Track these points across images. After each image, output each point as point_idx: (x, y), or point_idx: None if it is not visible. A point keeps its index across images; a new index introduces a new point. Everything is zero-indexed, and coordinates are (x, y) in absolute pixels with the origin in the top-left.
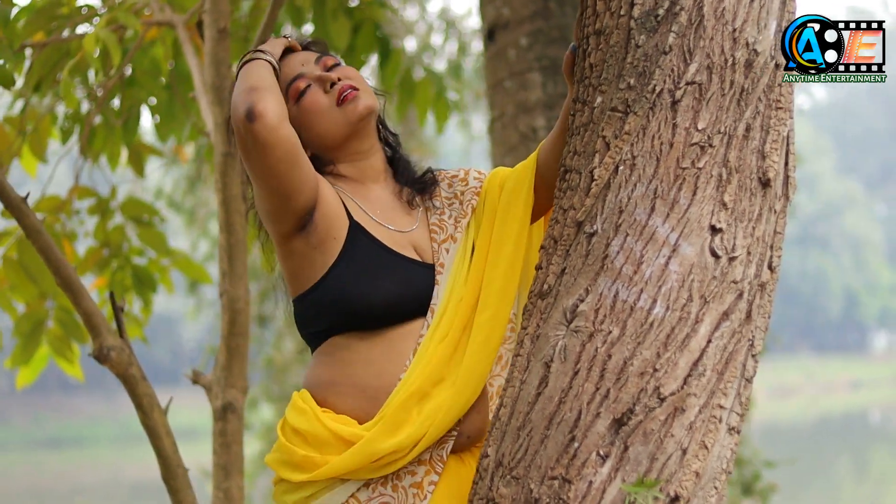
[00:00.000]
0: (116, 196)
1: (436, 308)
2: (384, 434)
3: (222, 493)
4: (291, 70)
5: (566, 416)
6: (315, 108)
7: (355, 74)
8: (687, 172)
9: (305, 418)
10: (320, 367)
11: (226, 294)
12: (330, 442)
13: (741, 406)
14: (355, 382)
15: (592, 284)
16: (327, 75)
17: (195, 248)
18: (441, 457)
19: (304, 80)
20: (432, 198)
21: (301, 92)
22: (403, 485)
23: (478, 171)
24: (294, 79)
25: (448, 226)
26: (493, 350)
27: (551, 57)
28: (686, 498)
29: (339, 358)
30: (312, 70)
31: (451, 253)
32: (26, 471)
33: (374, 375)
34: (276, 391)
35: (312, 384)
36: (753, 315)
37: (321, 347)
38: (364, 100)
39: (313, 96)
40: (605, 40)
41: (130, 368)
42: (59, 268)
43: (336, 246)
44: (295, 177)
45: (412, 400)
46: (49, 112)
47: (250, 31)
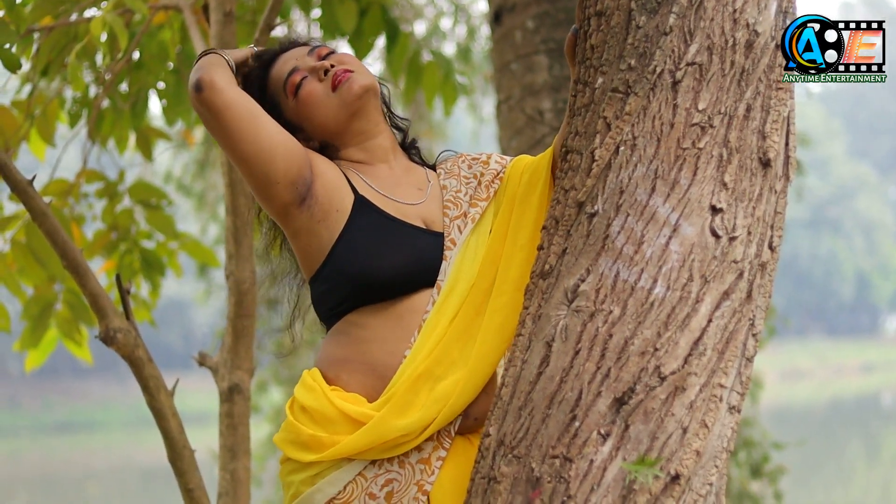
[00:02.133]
0: (125, 179)
1: (443, 284)
2: (394, 414)
3: (228, 474)
4: (286, 65)
5: (567, 396)
6: (312, 98)
7: (350, 59)
8: (687, 153)
9: (314, 396)
10: (333, 345)
11: (232, 276)
12: (337, 421)
13: (742, 385)
14: (366, 360)
15: (593, 264)
16: (320, 64)
17: (204, 231)
18: (449, 433)
19: (299, 74)
20: (449, 176)
21: (297, 85)
22: (410, 461)
23: (500, 156)
24: (289, 74)
25: (463, 203)
26: (509, 336)
27: (557, 39)
28: (687, 476)
29: (352, 335)
30: (306, 62)
31: (465, 231)
32: (37, 456)
33: (386, 352)
34: (284, 374)
35: (324, 362)
36: (754, 294)
37: (336, 325)
38: (358, 80)
39: (309, 87)
40: (606, 21)
41: (137, 350)
42: (66, 250)
43: (341, 218)
44: (263, 138)
45: (421, 381)
46: (57, 96)
47: (257, 14)
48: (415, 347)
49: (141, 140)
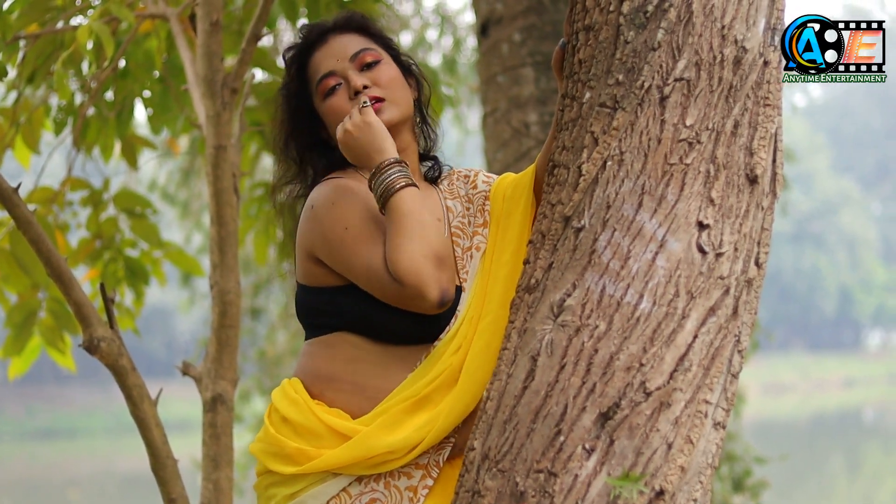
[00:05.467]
0: (109, 188)
1: (459, 314)
2: (382, 431)
3: (211, 484)
4: (326, 62)
5: (552, 410)
6: (338, 113)
7: (387, 80)
8: (675, 168)
9: (297, 409)
10: (320, 359)
11: (216, 286)
12: (324, 435)
13: (727, 401)
14: (357, 381)
15: (580, 279)
16: (354, 82)
17: (189, 240)
18: (437, 462)
19: (333, 79)
20: (453, 197)
21: (329, 90)
22: (398, 485)
23: (485, 174)
24: (325, 75)
25: (468, 232)
26: (494, 356)
27: (544, 52)
28: (671, 492)
29: (345, 353)
30: (345, 68)
31: (474, 263)
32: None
33: (380, 377)
34: (267, 384)
35: (308, 375)
36: (740, 311)
37: (324, 338)
38: (385, 113)
39: (338, 101)
40: (595, 36)
41: (120, 359)
42: (50, 258)
43: None
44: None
45: (420, 405)
46: (42, 103)
47: (243, 23)
48: (417, 372)
49: (126, 148)
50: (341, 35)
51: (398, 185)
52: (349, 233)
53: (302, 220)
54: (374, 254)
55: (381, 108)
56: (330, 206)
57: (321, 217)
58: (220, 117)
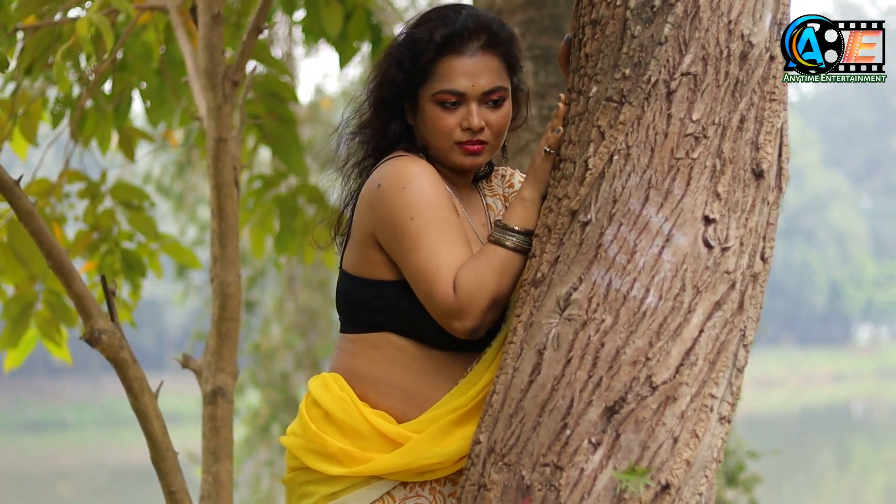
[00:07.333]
0: (106, 180)
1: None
2: (432, 440)
3: (211, 476)
4: (458, 79)
5: (558, 404)
6: (439, 127)
7: (500, 126)
8: (681, 163)
9: (344, 408)
10: (364, 359)
11: (217, 279)
12: (370, 437)
13: (732, 396)
14: (405, 386)
15: (586, 273)
16: (472, 122)
17: (183, 233)
18: None
19: (457, 97)
20: (493, 195)
21: (446, 102)
22: (443, 490)
23: (521, 174)
24: (452, 91)
25: None
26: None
27: (543, 46)
28: (676, 486)
29: (390, 357)
30: (473, 97)
31: None
32: (8, 454)
33: (427, 385)
34: (262, 377)
35: (349, 373)
36: (745, 305)
37: (367, 336)
38: (481, 158)
39: (447, 118)
40: (601, 30)
41: (121, 352)
42: (51, 250)
43: None
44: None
45: (464, 414)
46: (40, 95)
47: (242, 16)
48: (467, 381)
49: (123, 140)
50: (484, 55)
51: (523, 245)
52: (414, 223)
53: (364, 198)
54: (433, 252)
55: (478, 153)
56: (400, 189)
57: (388, 200)
58: (221, 110)
